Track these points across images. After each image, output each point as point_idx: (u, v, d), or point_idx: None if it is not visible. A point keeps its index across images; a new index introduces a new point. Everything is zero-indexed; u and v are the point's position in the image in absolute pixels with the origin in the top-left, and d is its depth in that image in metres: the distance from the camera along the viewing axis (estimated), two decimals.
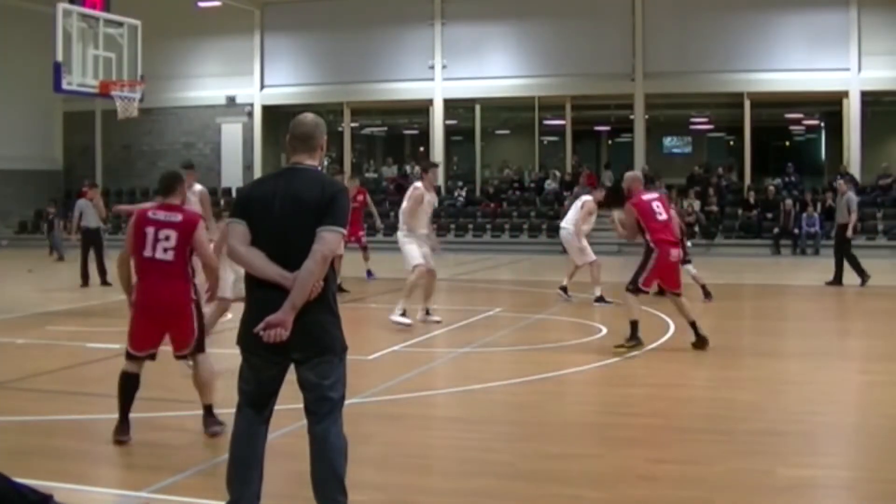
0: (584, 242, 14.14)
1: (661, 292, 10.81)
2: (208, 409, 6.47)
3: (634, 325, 9.79)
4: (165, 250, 6.18)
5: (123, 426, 6.23)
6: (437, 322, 11.66)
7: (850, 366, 9.53)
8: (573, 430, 6.80)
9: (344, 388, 4.40)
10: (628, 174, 10.74)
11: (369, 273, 17.49)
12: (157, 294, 6.18)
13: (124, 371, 6.30)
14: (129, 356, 6.33)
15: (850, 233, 16.28)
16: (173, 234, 6.19)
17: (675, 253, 9.96)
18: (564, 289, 14.13)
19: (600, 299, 13.63)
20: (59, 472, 5.47)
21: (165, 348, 6.42)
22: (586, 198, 14.48)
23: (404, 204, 11.63)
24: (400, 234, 11.65)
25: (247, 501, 4.37)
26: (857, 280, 16.10)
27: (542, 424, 6.98)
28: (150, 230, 6.20)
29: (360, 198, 17.38)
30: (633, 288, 9.94)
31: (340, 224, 4.28)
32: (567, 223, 14.26)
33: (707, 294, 14.19)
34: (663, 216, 9.97)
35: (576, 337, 10.80)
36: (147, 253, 6.19)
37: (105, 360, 9.31)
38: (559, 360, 9.42)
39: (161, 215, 6.28)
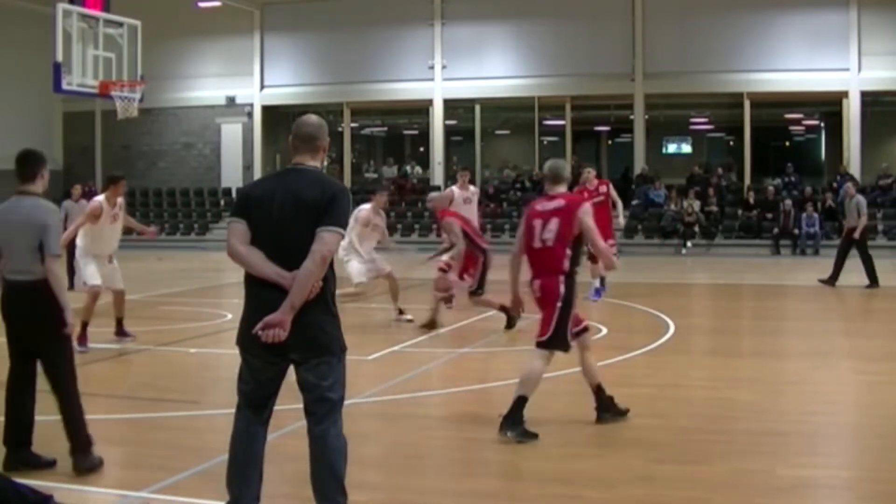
0: (370, 256, 11.75)
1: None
2: None
3: (504, 308, 10.53)
4: None
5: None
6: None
7: (850, 366, 9.52)
8: (573, 430, 6.79)
9: (343, 388, 4.39)
10: (433, 196, 12.51)
11: (599, 291, 13.96)
12: None
13: None
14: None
15: (857, 234, 16.21)
16: None
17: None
18: (401, 311, 11.95)
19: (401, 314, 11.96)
20: (60, 473, 5.47)
21: (165, 349, 6.40)
22: (363, 207, 11.72)
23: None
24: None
25: (246, 501, 4.37)
26: (866, 280, 16.06)
27: (542, 424, 6.98)
28: None
29: (604, 189, 13.73)
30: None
31: (340, 224, 4.27)
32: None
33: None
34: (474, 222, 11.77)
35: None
36: None
37: (105, 360, 9.31)
38: (559, 361, 9.40)
39: None
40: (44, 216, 5.55)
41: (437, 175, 29.74)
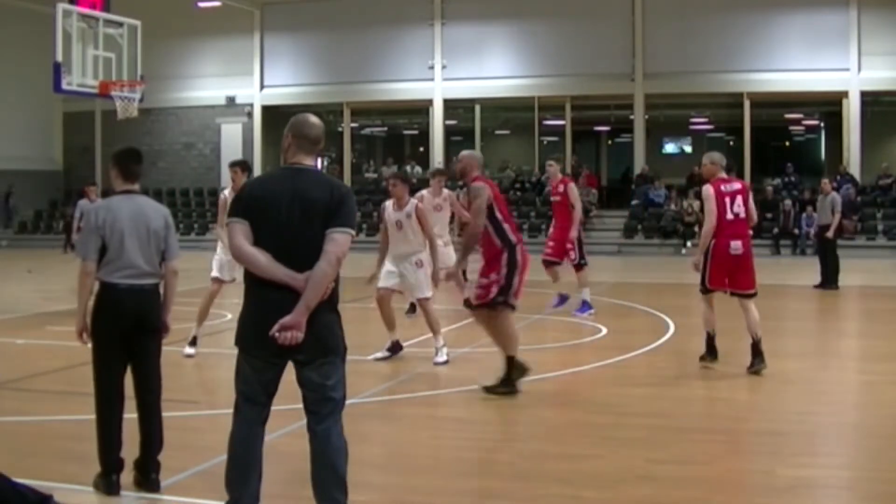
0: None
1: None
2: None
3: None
4: None
5: None
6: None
7: (850, 366, 9.53)
8: (573, 430, 6.79)
9: (344, 388, 4.41)
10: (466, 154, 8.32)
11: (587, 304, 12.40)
12: None
13: None
14: None
15: (830, 233, 16.07)
16: None
17: None
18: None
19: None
20: (60, 473, 5.47)
21: (165, 349, 6.39)
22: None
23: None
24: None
25: (246, 501, 4.36)
26: (819, 279, 15.96)
27: (542, 424, 6.98)
28: None
29: (561, 189, 12.66)
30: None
31: (350, 225, 4.29)
32: None
33: None
34: None
35: (576, 337, 10.80)
36: None
37: None
38: (559, 360, 9.42)
39: None
40: (167, 218, 5.32)
41: None
